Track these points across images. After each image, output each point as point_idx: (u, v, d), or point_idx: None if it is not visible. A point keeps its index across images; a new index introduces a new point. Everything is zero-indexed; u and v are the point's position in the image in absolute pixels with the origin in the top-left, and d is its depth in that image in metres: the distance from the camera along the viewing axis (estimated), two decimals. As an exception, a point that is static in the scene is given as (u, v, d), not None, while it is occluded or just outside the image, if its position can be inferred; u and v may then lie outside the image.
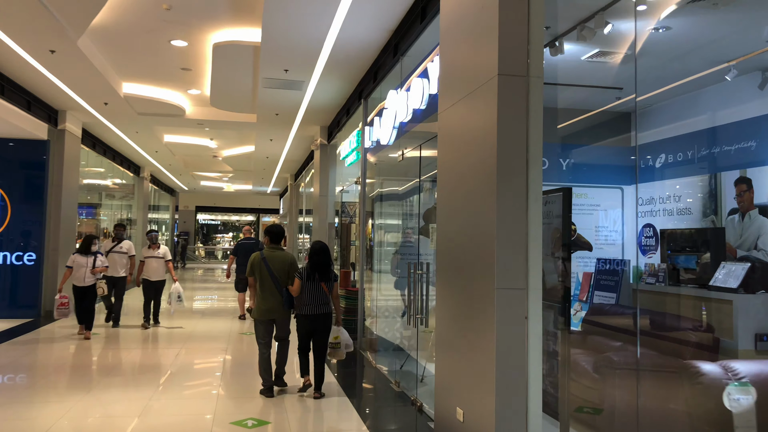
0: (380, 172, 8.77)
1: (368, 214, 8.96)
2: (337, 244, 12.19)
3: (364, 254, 8.71)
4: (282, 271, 6.12)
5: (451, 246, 4.23)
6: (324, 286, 6.02)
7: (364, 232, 8.76)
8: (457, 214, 4.13)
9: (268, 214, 37.15)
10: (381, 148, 7.94)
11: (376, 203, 8.86)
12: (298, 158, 17.40)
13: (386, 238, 8.81)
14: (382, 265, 8.64)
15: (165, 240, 29.51)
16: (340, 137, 11.85)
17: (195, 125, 13.12)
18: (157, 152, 17.35)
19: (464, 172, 4.03)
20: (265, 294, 6.08)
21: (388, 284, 8.60)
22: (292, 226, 22.22)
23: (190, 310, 13.25)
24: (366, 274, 9.17)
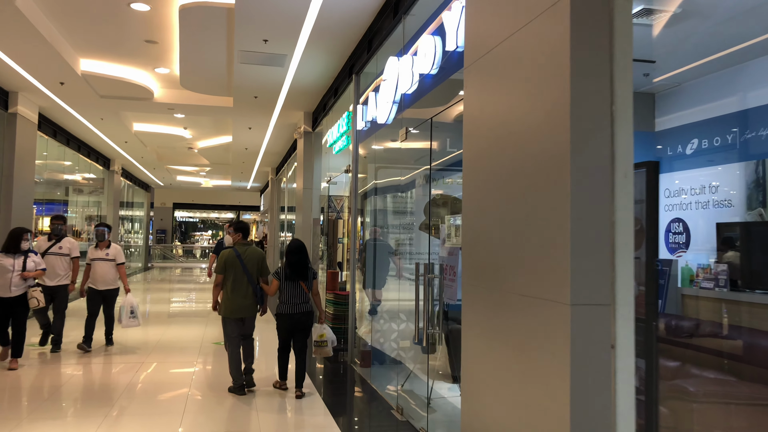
0: (376, 159, 7.62)
1: (361, 208, 7.82)
2: (323, 243, 11.02)
3: (355, 253, 7.55)
4: (254, 267, 6.08)
5: (487, 246, 3.10)
6: (303, 285, 5.96)
7: (355, 229, 7.61)
8: (498, 201, 3.01)
9: (249, 211, 35.85)
10: (377, 128, 6.81)
11: (369, 197, 7.71)
12: (280, 150, 16.19)
13: (380, 237, 7.70)
14: (378, 263, 7.50)
15: (140, 238, 28.11)
16: (327, 123, 10.69)
17: (165, 111, 11.87)
18: (126, 143, 16.04)
19: (509, 139, 2.91)
20: (237, 291, 5.98)
21: (386, 288, 7.48)
22: (274, 224, 20.98)
23: (163, 315, 12.01)
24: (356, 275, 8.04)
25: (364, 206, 7.77)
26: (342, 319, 7.83)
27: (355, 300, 7.51)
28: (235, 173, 22.37)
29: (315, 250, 11.62)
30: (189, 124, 14.41)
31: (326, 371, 7.45)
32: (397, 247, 7.56)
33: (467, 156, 3.36)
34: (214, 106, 11.31)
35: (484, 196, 3.16)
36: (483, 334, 3.12)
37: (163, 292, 17.35)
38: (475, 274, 3.24)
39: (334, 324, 7.88)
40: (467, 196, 3.36)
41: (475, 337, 3.21)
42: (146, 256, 28.40)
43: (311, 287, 6.06)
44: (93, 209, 19.62)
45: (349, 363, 7.50)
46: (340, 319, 7.83)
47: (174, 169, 22.63)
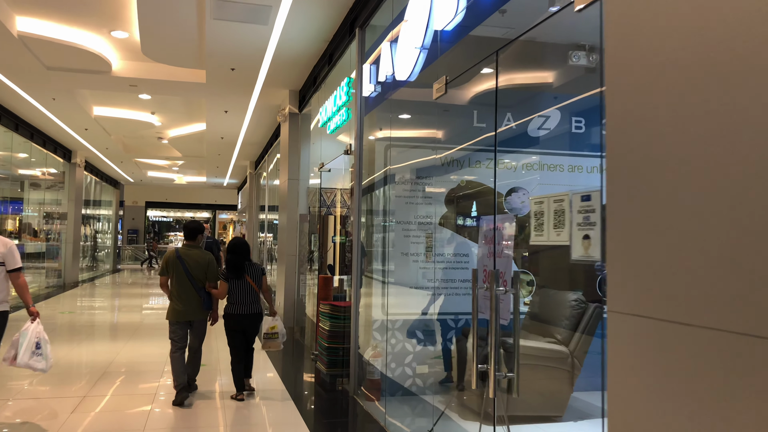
0: (390, 135, 6.03)
1: (368, 200, 6.22)
2: (314, 242, 9.40)
3: (359, 254, 5.95)
4: (199, 270, 5.83)
5: (715, 257, 1.53)
6: (252, 283, 5.86)
7: (358, 224, 6.01)
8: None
9: (226, 210, 34.08)
10: (392, 89, 5.24)
11: (378, 188, 6.11)
12: (260, 139, 14.53)
13: (395, 238, 6.08)
14: (391, 268, 5.89)
15: (108, 239, 26.19)
16: (318, 102, 9.08)
17: (127, 88, 10.16)
18: (87, 130, 14.26)
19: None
20: (182, 295, 5.78)
21: (400, 297, 5.89)
22: (252, 224, 19.28)
23: (124, 327, 10.30)
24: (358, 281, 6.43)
25: (371, 197, 6.19)
26: (340, 338, 6.24)
27: (358, 312, 5.91)
28: (210, 168, 20.63)
29: (302, 252, 10.02)
30: (157, 107, 12.69)
31: (321, 402, 5.86)
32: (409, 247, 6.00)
33: (631, 99, 1.79)
34: (185, 81, 9.64)
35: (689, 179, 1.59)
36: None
37: (129, 298, 15.57)
38: (671, 300, 1.66)
39: (331, 343, 6.28)
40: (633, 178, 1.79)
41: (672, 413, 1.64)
42: (115, 258, 26.46)
43: (260, 285, 5.96)
44: (52, 207, 17.75)
45: (350, 394, 5.91)
46: (338, 337, 6.24)
47: (144, 163, 20.82)
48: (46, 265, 16.85)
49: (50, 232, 17.34)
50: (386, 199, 5.96)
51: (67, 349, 8.13)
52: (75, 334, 9.43)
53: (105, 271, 24.36)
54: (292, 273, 9.90)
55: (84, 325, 10.49)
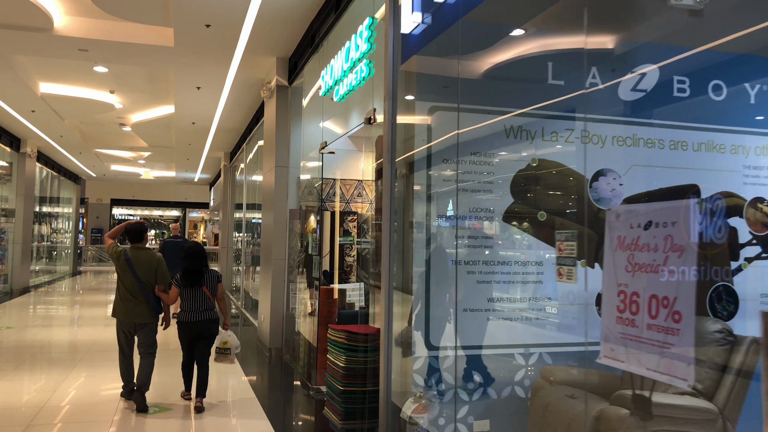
0: (443, 91, 4.27)
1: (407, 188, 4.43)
2: (312, 245, 7.60)
3: (391, 260, 4.15)
4: (148, 273, 5.59)
5: None
6: (206, 290, 5.56)
7: (391, 219, 4.21)
8: None
9: (197, 208, 32.05)
10: (451, 20, 3.52)
11: (416, 170, 4.32)
12: (238, 124, 12.66)
13: (441, 239, 4.29)
14: (436, 281, 4.13)
15: (68, 238, 23.96)
16: (313, 70, 7.33)
17: (76, 53, 8.25)
18: (34, 112, 12.24)
19: None
20: (128, 296, 5.54)
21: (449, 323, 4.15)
22: (227, 223, 17.36)
23: (70, 348, 8.40)
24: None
25: (406, 183, 4.41)
26: (360, 377, 4.48)
27: (391, 344, 4.14)
28: (180, 160, 18.65)
29: (293, 254, 8.23)
30: (117, 85, 10.76)
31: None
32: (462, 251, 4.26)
33: None
34: (148, 45, 7.77)
35: None
36: None
37: (87, 307, 13.56)
38: None
39: (348, 385, 4.51)
40: None
41: None
42: (75, 259, 24.25)
43: (215, 293, 5.69)
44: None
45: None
46: (357, 376, 4.48)
47: (105, 155, 18.74)
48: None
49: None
50: (428, 186, 4.22)
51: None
52: (5, 362, 7.51)
53: (63, 274, 22.18)
54: (280, 281, 8.11)
55: (23, 346, 8.55)
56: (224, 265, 17.02)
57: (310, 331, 6.72)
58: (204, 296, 5.57)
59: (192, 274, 5.58)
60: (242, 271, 13.90)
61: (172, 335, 6.75)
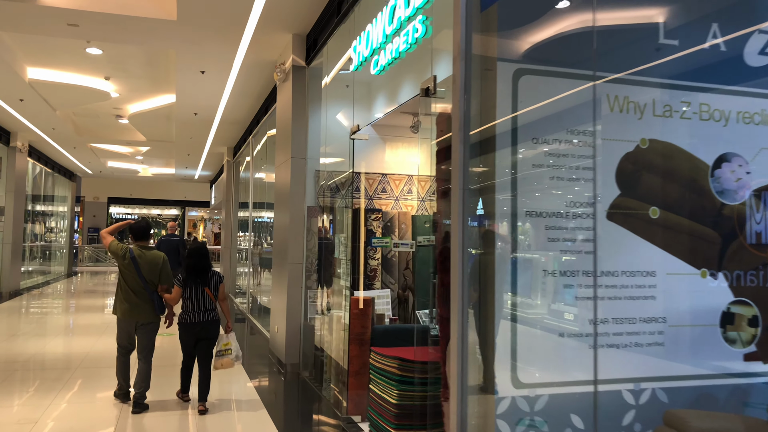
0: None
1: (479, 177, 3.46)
2: (342, 247, 6.63)
3: (463, 269, 3.18)
4: (152, 273, 5.57)
5: None
6: (208, 291, 5.50)
7: (463, 214, 3.25)
8: None
9: (197, 207, 31.07)
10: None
11: (500, 149, 3.33)
12: (244, 115, 11.68)
13: (526, 240, 3.32)
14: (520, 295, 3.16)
15: (63, 238, 22.96)
16: (337, 45, 6.40)
17: (65, 30, 7.27)
18: (23, 101, 11.25)
19: None
20: (130, 295, 5.51)
21: (539, 352, 3.19)
22: (230, 224, 16.38)
23: (60, 364, 7.45)
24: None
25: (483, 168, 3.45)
26: (416, 418, 3.52)
27: (465, 380, 3.17)
28: (180, 156, 17.67)
29: (311, 257, 7.28)
30: (112, 70, 9.79)
31: None
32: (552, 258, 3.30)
33: None
34: (146, 17, 6.81)
35: None
36: None
37: (80, 313, 12.60)
38: None
39: (402, 426, 3.55)
40: None
41: None
42: (70, 260, 23.26)
43: (217, 293, 5.59)
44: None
45: None
46: (411, 416, 3.53)
47: (101, 150, 17.75)
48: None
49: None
50: (510, 172, 3.25)
51: (-41, 412, 5.29)
52: None
53: (58, 275, 21.20)
54: (296, 287, 7.15)
55: (3, 360, 7.58)
56: (227, 265, 16.06)
57: (335, 347, 5.76)
58: (206, 297, 5.51)
59: (196, 274, 5.51)
60: (249, 273, 12.93)
61: (175, 347, 5.83)
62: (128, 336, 5.59)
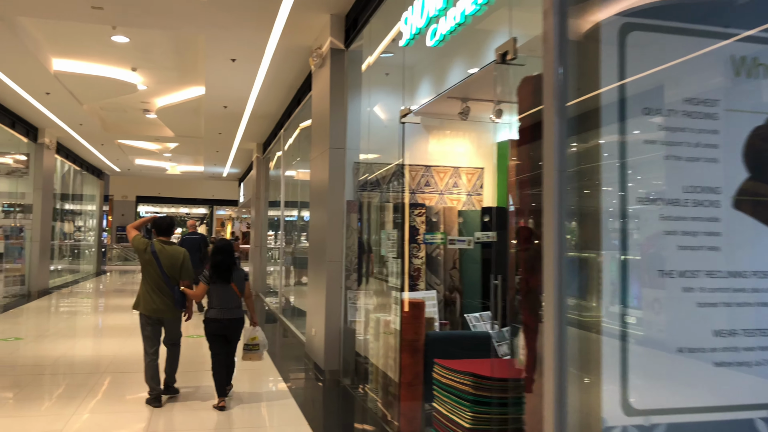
0: None
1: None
2: (388, 243, 6.09)
3: (561, 265, 2.61)
4: (173, 268, 5.58)
5: None
6: (235, 288, 5.47)
7: (560, 199, 2.67)
8: None
9: (225, 206, 30.81)
10: None
11: (599, 127, 2.75)
12: (275, 107, 11.21)
13: (642, 234, 2.74)
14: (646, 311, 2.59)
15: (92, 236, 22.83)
16: (379, 24, 5.87)
17: (89, 13, 6.85)
18: (49, 95, 10.92)
19: None
20: (153, 290, 5.52)
21: (653, 375, 2.60)
22: (260, 222, 15.94)
23: (92, 368, 7.03)
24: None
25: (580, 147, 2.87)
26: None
27: (564, 404, 2.60)
28: (208, 152, 17.30)
29: (350, 255, 6.76)
30: (139, 59, 9.38)
31: None
32: (675, 257, 2.71)
33: None
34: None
35: None
36: None
37: (108, 313, 12.28)
38: None
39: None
40: None
41: None
42: (99, 259, 23.11)
43: (243, 290, 5.59)
44: (12, 198, 14.41)
45: None
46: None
47: (129, 146, 17.48)
48: (6, 268, 13.54)
49: (9, 228, 14.00)
50: (618, 151, 2.68)
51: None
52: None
53: (87, 274, 21.03)
54: (335, 288, 6.63)
55: (27, 364, 7.20)
56: (257, 265, 15.64)
57: (382, 354, 5.21)
58: (232, 293, 5.50)
59: (221, 270, 5.49)
60: (280, 272, 12.47)
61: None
62: (153, 332, 5.57)
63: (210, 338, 5.50)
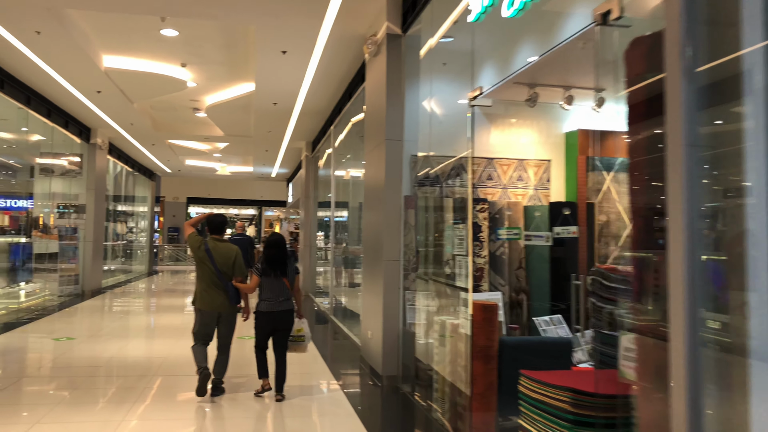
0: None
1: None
2: (457, 240, 5.67)
3: (692, 264, 2.16)
4: (226, 265, 5.67)
5: None
6: (285, 281, 5.62)
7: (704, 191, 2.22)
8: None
9: (273, 206, 30.81)
10: None
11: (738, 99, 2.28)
12: (325, 103, 10.90)
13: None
14: None
15: (144, 237, 23.07)
16: (440, 5, 5.46)
17: (137, 0, 6.64)
18: (100, 93, 10.87)
19: None
20: (209, 286, 5.64)
21: None
22: (309, 222, 15.68)
23: (147, 371, 6.82)
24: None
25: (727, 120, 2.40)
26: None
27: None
28: (258, 152, 17.17)
29: (408, 253, 6.36)
30: (188, 53, 9.19)
31: None
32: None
33: None
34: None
35: None
36: None
37: (162, 313, 12.20)
38: None
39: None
40: None
41: None
42: (151, 259, 23.35)
43: (293, 283, 5.72)
44: (66, 199, 14.51)
45: None
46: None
47: (179, 147, 17.50)
48: (61, 267, 13.64)
49: (64, 229, 14.11)
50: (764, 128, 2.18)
51: None
52: (46, 393, 5.97)
53: (139, 274, 21.22)
54: (393, 289, 6.24)
55: (77, 365, 7.03)
56: (307, 264, 15.41)
57: (447, 360, 4.79)
58: (283, 286, 5.60)
59: (276, 263, 5.60)
60: (330, 273, 12.17)
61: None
62: (206, 327, 5.65)
63: (259, 331, 5.60)
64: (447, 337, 4.63)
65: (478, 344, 4.06)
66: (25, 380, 6.20)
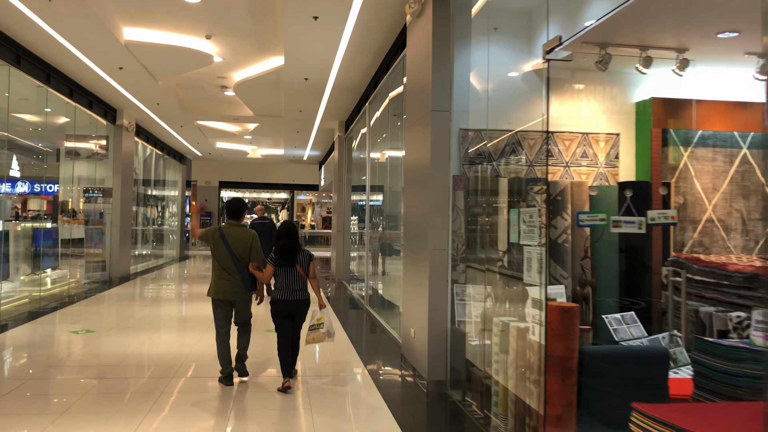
0: None
1: None
2: (527, 227, 4.88)
3: None
4: (242, 250, 5.62)
5: None
6: (300, 270, 5.52)
7: None
8: None
9: (305, 190, 30.23)
10: None
11: None
12: (360, 78, 10.12)
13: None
14: None
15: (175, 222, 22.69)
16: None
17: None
18: (122, 69, 10.26)
19: None
20: (223, 273, 5.59)
21: None
22: (342, 206, 14.98)
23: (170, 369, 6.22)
24: None
25: None
26: None
27: None
28: (289, 133, 16.50)
29: (457, 241, 5.60)
30: (213, 24, 8.50)
31: None
32: None
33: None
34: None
35: None
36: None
37: (192, 302, 11.66)
38: None
39: None
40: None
41: None
42: (182, 244, 22.97)
43: (308, 272, 5.56)
44: (92, 183, 14.05)
45: None
46: None
47: (208, 128, 16.92)
48: (88, 253, 13.21)
49: (91, 213, 13.67)
50: None
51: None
52: (53, 397, 5.38)
53: (170, 259, 20.85)
54: (441, 282, 5.49)
55: (92, 364, 6.45)
56: (340, 251, 14.74)
57: (511, 370, 4.02)
58: (297, 275, 5.53)
59: (286, 253, 5.50)
60: (366, 260, 11.46)
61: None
62: (226, 317, 5.62)
63: (276, 319, 5.53)
64: (512, 345, 3.86)
65: (555, 355, 3.29)
66: (29, 383, 5.62)
